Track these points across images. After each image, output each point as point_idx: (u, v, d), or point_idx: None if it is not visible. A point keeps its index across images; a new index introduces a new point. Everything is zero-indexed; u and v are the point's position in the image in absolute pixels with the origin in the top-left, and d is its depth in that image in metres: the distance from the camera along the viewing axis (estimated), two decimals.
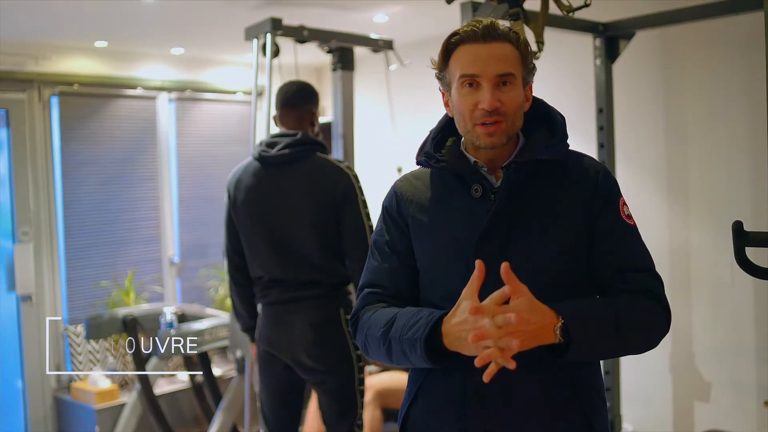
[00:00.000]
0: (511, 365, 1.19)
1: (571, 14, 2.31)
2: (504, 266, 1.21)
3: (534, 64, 1.42)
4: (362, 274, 1.56)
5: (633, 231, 1.42)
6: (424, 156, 1.46)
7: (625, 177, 3.25)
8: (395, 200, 1.50)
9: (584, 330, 1.27)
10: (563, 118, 1.44)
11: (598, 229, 1.39)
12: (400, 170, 3.61)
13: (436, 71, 1.44)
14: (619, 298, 1.36)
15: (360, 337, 1.49)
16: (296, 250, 2.47)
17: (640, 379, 3.37)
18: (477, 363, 1.20)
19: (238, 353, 3.41)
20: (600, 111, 3.19)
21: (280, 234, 2.48)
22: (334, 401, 2.54)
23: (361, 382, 2.54)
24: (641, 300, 1.36)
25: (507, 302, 1.23)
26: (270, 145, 2.52)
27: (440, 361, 1.32)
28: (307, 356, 2.48)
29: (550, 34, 2.51)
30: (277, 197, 2.49)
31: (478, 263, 1.25)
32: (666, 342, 1.44)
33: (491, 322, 1.20)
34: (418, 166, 1.51)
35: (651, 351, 1.39)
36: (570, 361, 1.28)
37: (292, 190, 2.47)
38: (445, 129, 1.48)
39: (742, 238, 1.58)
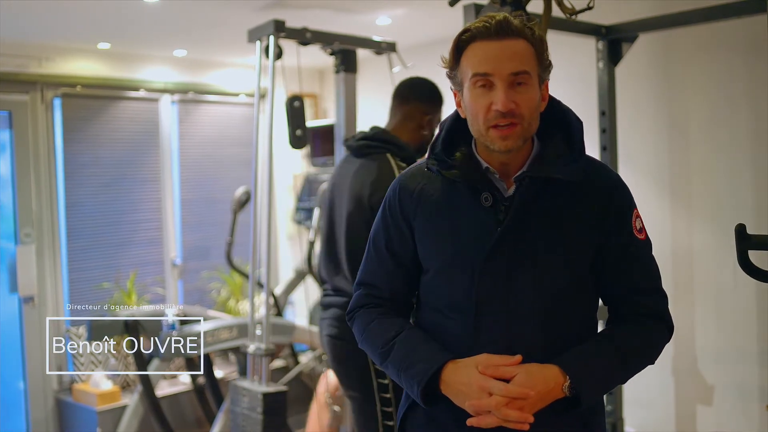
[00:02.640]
0: (525, 428, 1.24)
1: (573, 17, 2.30)
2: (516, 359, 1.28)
3: (550, 61, 1.35)
4: (360, 267, 1.53)
5: (643, 248, 1.40)
6: (435, 161, 1.38)
7: (627, 179, 3.19)
8: (398, 197, 1.44)
9: (592, 381, 1.30)
10: (581, 124, 1.38)
11: (609, 246, 1.37)
12: None
13: (447, 70, 1.36)
14: (623, 330, 1.37)
15: (357, 337, 1.50)
16: (332, 250, 2.33)
17: (642, 383, 3.35)
18: (474, 424, 1.27)
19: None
20: (603, 113, 3.18)
21: (329, 230, 2.36)
22: (354, 415, 2.45)
23: (385, 402, 2.28)
24: (647, 325, 1.37)
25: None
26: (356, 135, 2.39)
27: (432, 401, 1.34)
28: (333, 363, 2.43)
29: (552, 36, 2.50)
30: (336, 192, 2.34)
31: (517, 358, 1.28)
32: (668, 345, 1.44)
33: (498, 393, 1.24)
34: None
35: None
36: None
37: (345, 187, 2.29)
38: (458, 124, 1.40)
39: (745, 241, 1.58)
